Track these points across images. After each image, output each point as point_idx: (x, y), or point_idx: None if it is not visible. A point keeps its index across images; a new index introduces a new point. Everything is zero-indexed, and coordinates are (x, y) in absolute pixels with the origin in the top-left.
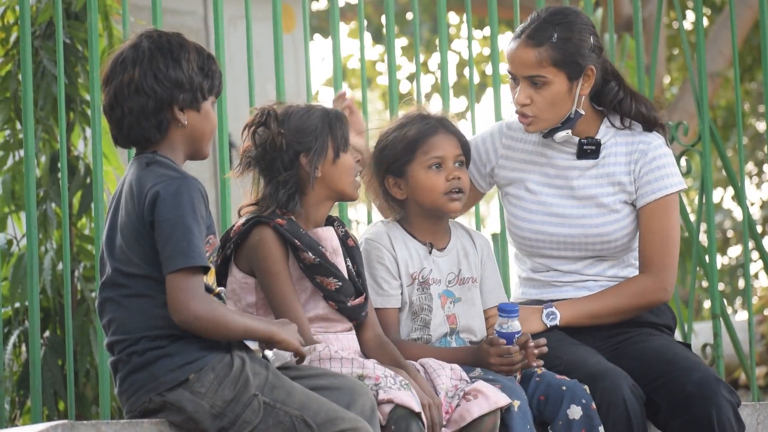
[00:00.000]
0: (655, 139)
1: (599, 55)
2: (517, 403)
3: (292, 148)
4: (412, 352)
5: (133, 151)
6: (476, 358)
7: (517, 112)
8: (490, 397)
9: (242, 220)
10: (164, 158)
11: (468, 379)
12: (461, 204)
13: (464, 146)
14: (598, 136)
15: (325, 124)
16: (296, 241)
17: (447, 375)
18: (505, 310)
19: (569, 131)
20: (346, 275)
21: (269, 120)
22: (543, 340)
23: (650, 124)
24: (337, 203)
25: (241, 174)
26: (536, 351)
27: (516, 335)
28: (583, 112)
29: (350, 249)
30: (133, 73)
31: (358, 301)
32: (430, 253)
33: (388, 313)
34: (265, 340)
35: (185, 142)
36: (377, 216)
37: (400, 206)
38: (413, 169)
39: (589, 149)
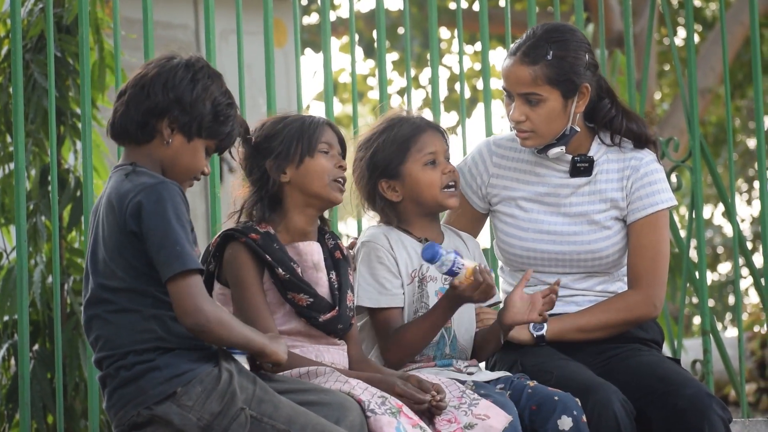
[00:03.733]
0: (647, 155)
1: (594, 72)
2: (509, 419)
3: (260, 155)
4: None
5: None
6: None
7: (513, 127)
8: (499, 422)
9: (218, 234)
10: (143, 168)
11: (464, 389)
12: (458, 200)
13: (448, 142)
14: (590, 153)
15: (296, 129)
16: (267, 256)
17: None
18: (428, 258)
19: (563, 148)
20: (325, 290)
21: None
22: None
23: (641, 141)
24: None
25: (243, 189)
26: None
27: (458, 267)
28: (578, 129)
29: (336, 261)
30: (150, 71)
31: (330, 315)
32: None
33: (392, 313)
34: (257, 352)
35: (164, 162)
36: (367, 225)
37: (394, 210)
38: (409, 168)
39: (582, 167)
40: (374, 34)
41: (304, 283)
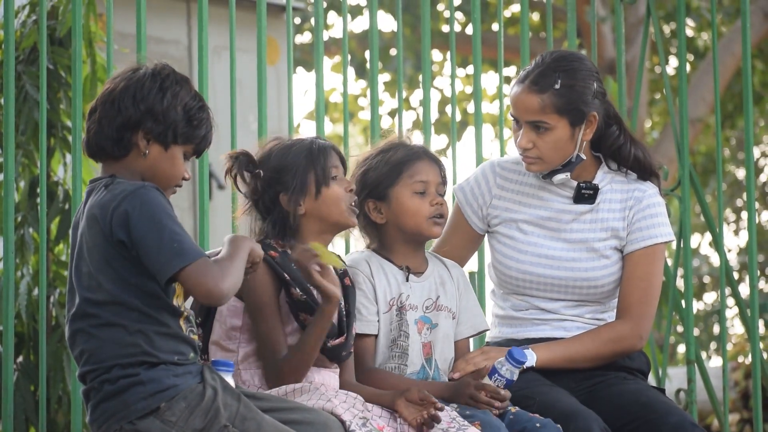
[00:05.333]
0: (650, 188)
1: (602, 100)
2: None
3: (272, 188)
4: (388, 381)
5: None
6: (453, 394)
7: (520, 153)
8: None
9: None
10: (121, 179)
11: (455, 414)
12: (442, 229)
13: (444, 176)
14: (594, 181)
15: (306, 159)
16: (285, 275)
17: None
18: (515, 359)
19: (568, 174)
20: (335, 316)
21: (235, 166)
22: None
23: (646, 173)
24: None
25: (242, 213)
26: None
27: (507, 383)
28: (584, 157)
29: (345, 288)
30: (118, 85)
31: (338, 341)
32: (407, 278)
33: (365, 341)
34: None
35: (144, 174)
36: (355, 248)
37: (376, 232)
38: (397, 193)
39: (586, 193)
40: (367, 54)
41: (318, 306)
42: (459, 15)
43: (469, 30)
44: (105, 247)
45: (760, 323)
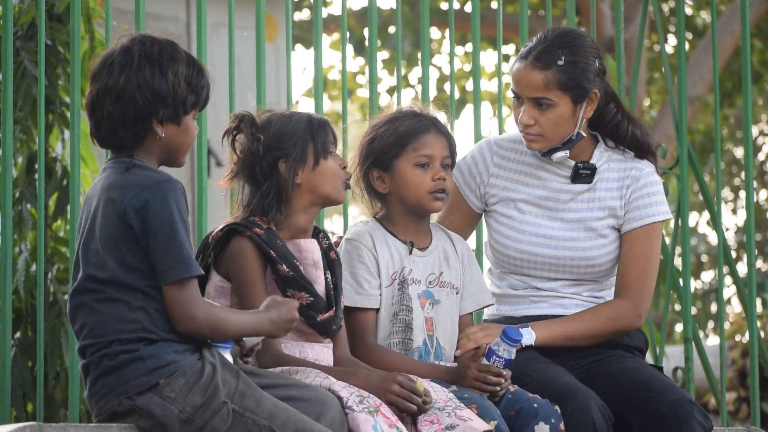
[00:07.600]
0: (647, 166)
1: (602, 78)
2: (493, 424)
3: (271, 154)
4: (389, 359)
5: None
6: (453, 376)
7: (521, 130)
8: (481, 425)
9: (220, 227)
10: (141, 162)
11: (452, 395)
12: (444, 204)
13: (452, 149)
14: (592, 161)
15: (306, 130)
16: (271, 252)
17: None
18: (510, 338)
19: (567, 152)
20: (323, 289)
21: (242, 125)
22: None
23: (643, 151)
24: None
25: (229, 182)
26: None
27: (506, 362)
28: (584, 135)
29: (331, 261)
30: (119, 80)
31: (327, 315)
32: (411, 252)
33: (367, 315)
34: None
35: (161, 152)
36: (353, 221)
37: (381, 201)
38: (400, 164)
39: (584, 173)
40: (365, 32)
41: (306, 281)
42: None
43: (468, 8)
44: (117, 229)
45: (758, 302)
